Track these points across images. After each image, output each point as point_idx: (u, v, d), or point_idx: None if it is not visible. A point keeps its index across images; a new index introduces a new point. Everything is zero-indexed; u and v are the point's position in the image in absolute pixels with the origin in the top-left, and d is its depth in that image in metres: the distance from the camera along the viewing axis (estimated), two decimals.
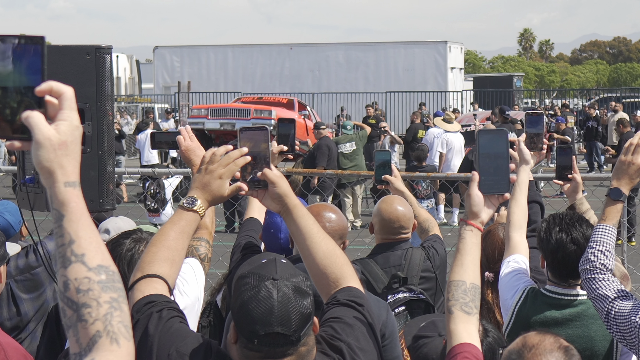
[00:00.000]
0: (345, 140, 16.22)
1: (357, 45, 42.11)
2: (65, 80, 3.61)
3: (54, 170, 1.72)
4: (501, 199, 2.79)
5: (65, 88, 1.74)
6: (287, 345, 2.37)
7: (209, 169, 2.69)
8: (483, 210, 2.76)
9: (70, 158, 1.74)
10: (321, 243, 2.72)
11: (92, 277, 1.71)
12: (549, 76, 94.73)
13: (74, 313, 1.70)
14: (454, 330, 2.66)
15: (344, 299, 2.67)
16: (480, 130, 2.82)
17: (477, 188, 2.75)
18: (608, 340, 3.64)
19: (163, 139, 4.18)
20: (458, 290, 2.71)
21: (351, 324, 2.61)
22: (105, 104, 3.77)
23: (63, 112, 1.74)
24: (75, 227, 1.73)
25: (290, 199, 2.71)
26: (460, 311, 2.69)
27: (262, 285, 2.37)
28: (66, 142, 1.73)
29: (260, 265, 2.46)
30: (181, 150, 4.00)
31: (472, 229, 2.77)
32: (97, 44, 3.80)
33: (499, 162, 2.76)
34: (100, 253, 1.75)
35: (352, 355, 2.55)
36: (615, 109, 26.78)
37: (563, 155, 4.40)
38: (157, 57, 42.18)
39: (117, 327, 1.71)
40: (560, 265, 3.68)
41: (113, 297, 1.72)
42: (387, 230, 4.62)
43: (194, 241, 3.88)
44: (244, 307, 2.37)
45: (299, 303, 2.37)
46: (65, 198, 1.74)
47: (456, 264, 2.77)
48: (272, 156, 4.37)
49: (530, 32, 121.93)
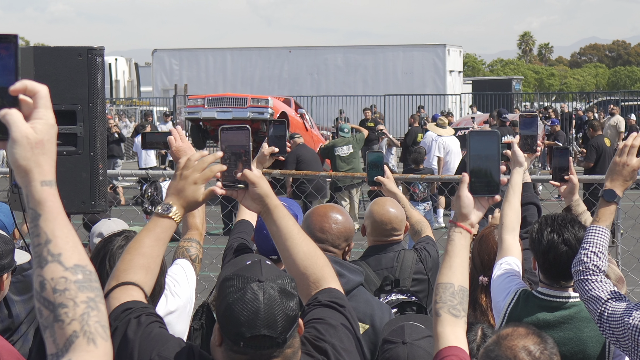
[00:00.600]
0: (342, 144, 16.24)
1: (355, 48, 42.18)
2: (57, 82, 3.65)
3: (30, 169, 1.71)
4: (491, 201, 2.78)
5: (39, 87, 1.74)
6: (273, 347, 2.36)
7: (184, 174, 2.67)
8: (473, 212, 2.75)
9: (46, 157, 1.73)
10: (302, 244, 2.72)
11: (68, 276, 1.70)
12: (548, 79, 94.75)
13: (50, 313, 1.69)
14: (442, 333, 2.65)
15: (326, 300, 2.67)
16: (471, 132, 2.80)
17: (467, 190, 2.74)
18: (600, 343, 3.63)
19: (154, 139, 4.18)
20: (446, 293, 2.70)
21: (334, 325, 2.61)
22: (97, 105, 3.76)
23: (38, 110, 1.73)
24: (52, 226, 1.72)
25: (271, 200, 2.71)
26: (447, 314, 2.67)
27: (248, 287, 2.36)
28: (42, 140, 1.72)
29: (245, 267, 2.45)
30: (172, 151, 4.01)
31: (461, 230, 2.76)
32: (89, 45, 3.78)
33: (490, 163, 2.74)
34: (77, 252, 1.73)
35: (336, 356, 2.55)
36: (612, 111, 26.78)
37: (559, 156, 4.40)
38: (156, 60, 42.22)
39: (94, 327, 1.70)
40: (552, 266, 3.67)
41: (90, 296, 1.71)
42: (379, 232, 4.61)
43: (185, 242, 3.88)
44: (229, 309, 2.35)
45: (284, 305, 2.36)
46: (41, 197, 1.72)
47: (444, 266, 2.75)
48: (264, 158, 4.38)
49: (530, 36, 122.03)
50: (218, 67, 41.12)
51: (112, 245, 2.99)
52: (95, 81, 3.75)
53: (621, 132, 25.48)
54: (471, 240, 5.17)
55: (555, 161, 4.42)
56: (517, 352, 2.55)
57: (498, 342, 2.61)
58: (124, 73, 50.96)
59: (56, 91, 3.67)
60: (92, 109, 3.73)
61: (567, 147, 4.76)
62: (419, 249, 4.71)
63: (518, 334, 2.60)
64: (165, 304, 3.54)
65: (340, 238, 3.86)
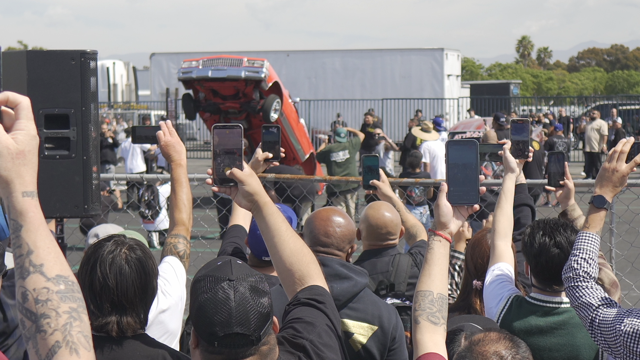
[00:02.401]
0: (338, 149, 16.22)
1: (353, 52, 42.17)
2: (50, 86, 3.64)
3: (11, 180, 1.71)
4: (470, 210, 2.79)
5: (21, 98, 1.74)
6: (247, 345, 2.36)
7: None
8: (452, 221, 2.77)
9: (28, 167, 1.73)
10: (289, 241, 2.76)
11: (50, 287, 1.70)
12: (547, 83, 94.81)
13: (32, 324, 1.69)
14: (420, 340, 2.66)
15: (304, 298, 2.70)
16: (449, 141, 2.82)
17: (445, 198, 2.76)
18: (594, 349, 3.62)
19: (143, 133, 4.19)
20: (425, 301, 2.71)
21: (311, 322, 2.63)
22: (90, 109, 3.75)
23: (20, 122, 1.73)
24: (34, 237, 1.72)
25: (261, 197, 2.76)
26: (426, 321, 2.68)
27: (219, 286, 2.37)
28: (24, 151, 1.72)
29: (215, 268, 2.45)
30: (160, 145, 4.01)
31: (440, 239, 2.77)
32: (82, 49, 3.78)
33: (468, 172, 2.76)
34: (59, 263, 1.73)
35: (315, 350, 2.57)
36: (593, 116, 26.67)
37: (555, 162, 4.42)
38: (154, 64, 42.19)
39: (77, 337, 1.69)
40: (544, 269, 3.67)
41: (72, 307, 1.71)
42: (375, 236, 4.61)
43: (172, 238, 3.87)
44: (201, 310, 2.36)
45: (256, 302, 2.37)
46: (23, 208, 1.72)
47: (423, 274, 2.77)
48: (257, 163, 4.39)
49: (528, 40, 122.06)
50: None
51: (102, 251, 2.98)
52: (89, 85, 3.74)
53: (605, 135, 25.48)
54: (465, 244, 5.19)
55: (551, 167, 4.44)
56: (488, 357, 2.55)
57: (470, 348, 2.60)
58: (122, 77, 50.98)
59: (49, 95, 3.68)
60: (85, 113, 3.72)
61: (563, 152, 4.77)
62: (414, 254, 4.71)
63: (490, 339, 2.60)
64: (157, 303, 3.54)
65: (344, 241, 3.87)
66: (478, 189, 2.75)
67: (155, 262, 3.08)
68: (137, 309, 2.93)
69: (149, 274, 2.98)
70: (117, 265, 2.93)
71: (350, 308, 3.80)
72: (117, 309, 2.90)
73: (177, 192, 3.94)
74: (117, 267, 2.93)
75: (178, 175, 3.97)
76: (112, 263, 2.94)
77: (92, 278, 2.91)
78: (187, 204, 3.95)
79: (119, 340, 2.88)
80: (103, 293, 2.89)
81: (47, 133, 3.64)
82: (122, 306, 2.91)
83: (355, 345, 3.81)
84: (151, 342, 2.95)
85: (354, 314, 3.81)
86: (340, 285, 3.73)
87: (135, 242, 3.04)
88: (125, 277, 2.92)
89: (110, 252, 2.95)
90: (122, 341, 2.88)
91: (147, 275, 2.97)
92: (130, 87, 51.21)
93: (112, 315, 2.89)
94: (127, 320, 2.91)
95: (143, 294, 2.95)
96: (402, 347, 3.92)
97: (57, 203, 3.73)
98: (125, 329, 2.90)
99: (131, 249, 2.99)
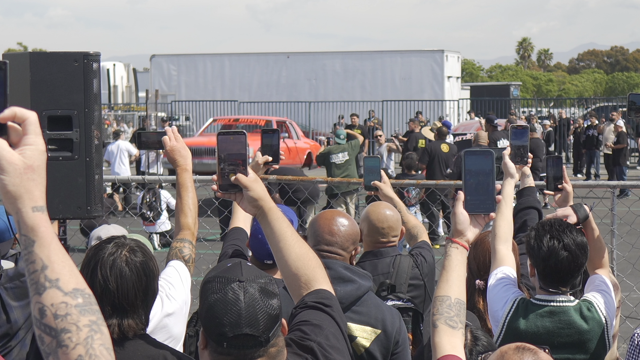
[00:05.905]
0: (337, 151, 16.25)
1: (354, 54, 42.14)
2: (53, 87, 3.65)
3: (20, 195, 1.69)
4: (487, 218, 2.83)
5: (28, 113, 1.72)
6: (256, 346, 2.37)
7: None
8: (469, 229, 2.81)
9: (36, 182, 1.71)
10: (294, 245, 2.76)
11: (68, 301, 1.68)
12: (547, 85, 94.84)
13: (52, 339, 1.67)
14: (438, 343, 2.68)
15: (311, 302, 2.70)
16: (466, 151, 2.85)
17: (462, 207, 2.79)
18: (602, 346, 3.69)
19: (149, 138, 4.19)
20: (443, 305, 2.74)
21: (319, 324, 2.64)
22: (93, 110, 3.76)
23: (28, 137, 1.72)
24: (47, 252, 1.70)
25: (265, 202, 2.77)
26: (444, 325, 2.71)
27: (229, 287, 2.38)
28: (32, 166, 1.71)
29: (225, 269, 2.46)
30: (166, 150, 4.02)
31: (457, 246, 2.81)
32: (85, 51, 3.78)
33: (485, 181, 2.79)
34: (75, 277, 1.72)
35: (323, 352, 2.57)
36: (612, 117, 26.78)
37: (554, 165, 4.43)
38: (154, 66, 42.16)
39: (99, 349, 1.68)
40: (553, 272, 3.70)
41: (92, 320, 1.70)
42: (375, 233, 4.61)
43: (178, 243, 3.87)
44: (211, 310, 2.37)
45: (265, 304, 2.37)
46: (34, 223, 1.70)
47: (442, 280, 2.81)
48: (257, 167, 4.40)
49: (528, 42, 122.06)
50: (216, 73, 41.06)
51: (102, 254, 2.96)
52: (92, 87, 3.74)
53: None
54: None
55: (550, 170, 4.45)
56: None
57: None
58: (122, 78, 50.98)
59: (52, 97, 3.69)
60: (88, 115, 3.73)
61: (561, 156, 4.79)
62: (415, 255, 4.71)
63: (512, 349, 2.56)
64: (161, 307, 3.54)
65: (348, 241, 3.88)
66: (494, 197, 2.80)
67: (156, 263, 3.07)
68: (138, 311, 2.92)
69: (150, 275, 2.97)
70: (118, 267, 2.91)
71: (354, 311, 3.80)
72: (118, 311, 2.89)
73: (182, 197, 3.96)
74: (118, 269, 2.91)
75: (184, 180, 3.98)
76: (113, 266, 2.92)
77: (93, 281, 2.88)
78: (193, 209, 3.96)
79: (119, 341, 2.87)
80: (104, 296, 2.87)
81: (50, 134, 3.65)
82: (123, 309, 2.90)
83: (358, 349, 3.80)
84: (152, 343, 2.94)
85: (357, 318, 3.81)
86: (344, 288, 3.73)
87: (136, 244, 3.03)
88: (125, 279, 2.91)
89: (110, 255, 2.94)
90: (123, 342, 2.87)
91: (147, 278, 2.95)
92: (130, 88, 51.22)
93: (113, 318, 2.88)
94: (129, 323, 2.90)
95: (144, 296, 2.94)
96: (406, 351, 3.92)
97: (59, 204, 3.73)
98: (127, 331, 2.89)
99: (132, 251, 2.97)
